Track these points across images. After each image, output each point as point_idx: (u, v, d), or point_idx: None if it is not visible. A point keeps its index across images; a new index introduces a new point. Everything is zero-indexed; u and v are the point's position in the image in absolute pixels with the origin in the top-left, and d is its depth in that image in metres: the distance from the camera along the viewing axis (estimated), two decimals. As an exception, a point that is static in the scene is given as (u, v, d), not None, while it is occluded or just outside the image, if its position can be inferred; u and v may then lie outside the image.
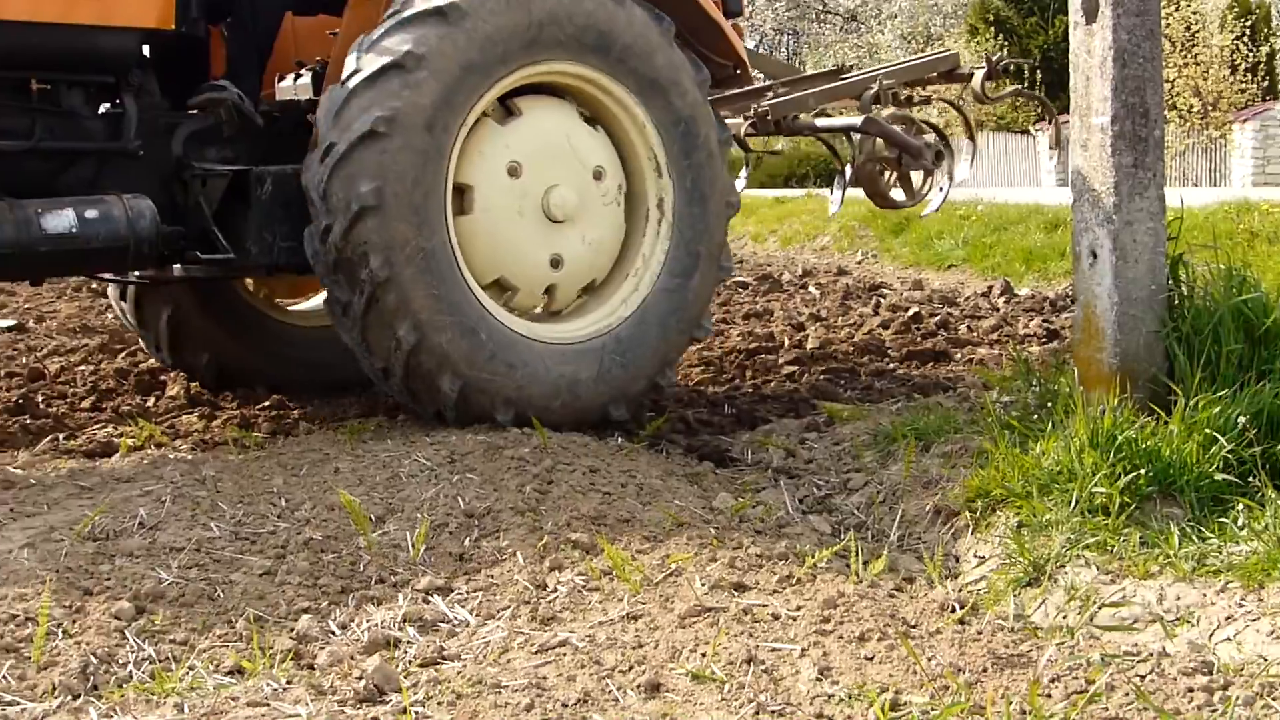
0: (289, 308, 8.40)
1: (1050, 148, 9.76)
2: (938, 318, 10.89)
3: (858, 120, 8.60)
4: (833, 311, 11.71)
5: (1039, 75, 36.32)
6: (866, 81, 8.98)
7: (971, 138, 9.72)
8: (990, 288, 13.03)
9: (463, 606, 4.24)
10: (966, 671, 3.50)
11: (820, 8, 54.30)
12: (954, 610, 4.01)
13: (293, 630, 4.06)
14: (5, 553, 4.67)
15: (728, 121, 8.59)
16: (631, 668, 3.62)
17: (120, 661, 3.80)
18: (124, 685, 3.64)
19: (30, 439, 6.84)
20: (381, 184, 6.08)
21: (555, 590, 4.32)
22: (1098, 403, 5.10)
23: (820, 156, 39.92)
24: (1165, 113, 5.19)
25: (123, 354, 9.16)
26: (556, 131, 6.69)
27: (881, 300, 12.38)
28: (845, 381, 8.42)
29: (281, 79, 7.22)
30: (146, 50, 6.83)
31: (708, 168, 6.98)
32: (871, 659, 3.60)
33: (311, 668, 3.78)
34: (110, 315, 11.56)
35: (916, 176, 8.82)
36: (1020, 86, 11.11)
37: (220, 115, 6.72)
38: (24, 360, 9.06)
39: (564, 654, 3.75)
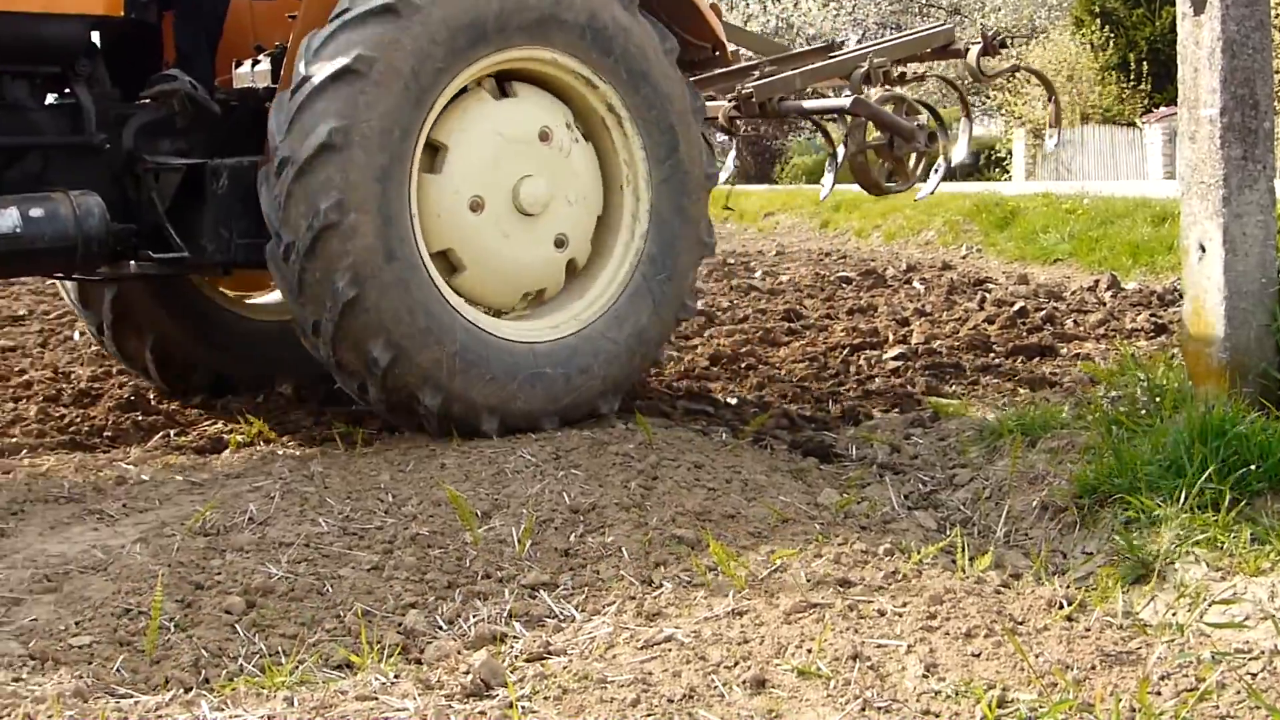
0: (244, 300, 8.16)
1: (1050, 126, 9.35)
2: (1043, 312, 10.79)
3: (846, 102, 8.35)
4: (937, 306, 11.64)
5: (1145, 67, 35.99)
6: (856, 59, 8.66)
7: (967, 116, 9.31)
8: (1096, 282, 12.88)
9: (568, 602, 4.25)
10: (1074, 669, 3.47)
11: (924, 1, 53.99)
12: (1061, 607, 3.97)
13: (400, 625, 4.10)
14: (119, 548, 4.75)
15: (711, 105, 8.41)
16: (737, 663, 3.62)
17: (231, 655, 3.85)
18: (235, 679, 3.69)
19: (142, 435, 6.94)
20: (387, 336, 5.98)
21: (660, 586, 4.33)
22: (1207, 397, 5.05)
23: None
24: (1275, 104, 5.11)
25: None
26: (485, 136, 6.44)
27: (986, 295, 12.29)
28: (950, 377, 8.37)
29: (239, 64, 7.03)
30: (96, 38, 6.57)
31: (631, 46, 6.64)
32: (978, 656, 3.58)
33: (419, 662, 3.81)
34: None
35: (912, 158, 8.57)
36: (1018, 63, 10.72)
37: (173, 106, 6.46)
38: (135, 358, 9.17)
39: (669, 650, 3.75)
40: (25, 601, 4.27)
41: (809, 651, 3.63)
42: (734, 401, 7.69)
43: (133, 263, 6.62)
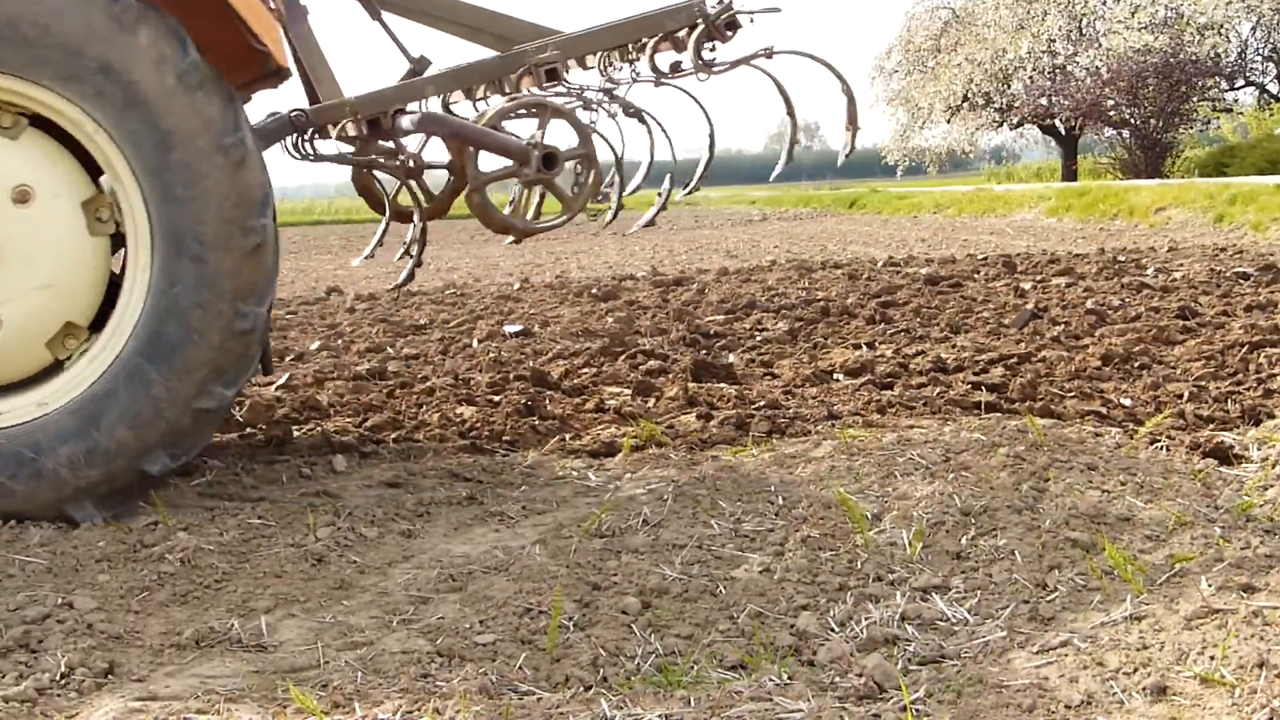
0: None
1: (846, 128, 7.01)
2: None
3: (413, 120, 6.44)
4: (1343, 301, 11.17)
5: None
6: (514, 59, 6.60)
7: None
8: None
9: (960, 605, 4.23)
10: None
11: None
12: None
13: (792, 627, 4.12)
14: (519, 549, 4.91)
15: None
16: (1136, 669, 3.55)
17: (628, 654, 3.94)
18: (632, 678, 3.77)
19: (539, 439, 7.14)
20: None
21: (1055, 590, 4.27)
22: None
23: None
24: None
25: (622, 357, 9.46)
26: None
27: (1398, 287, 11.75)
28: (1360, 374, 8.02)
29: None
30: None
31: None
32: (1396, 665, 3.44)
33: (812, 664, 3.84)
34: (611, 319, 11.96)
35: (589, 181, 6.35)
36: (766, 50, 7.07)
37: None
38: (530, 363, 9.45)
39: (1065, 654, 3.70)
40: (432, 600, 4.45)
41: (1212, 658, 3.54)
42: (1128, 402, 7.52)
43: None
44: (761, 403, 7.69)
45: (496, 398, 8.21)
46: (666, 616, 4.22)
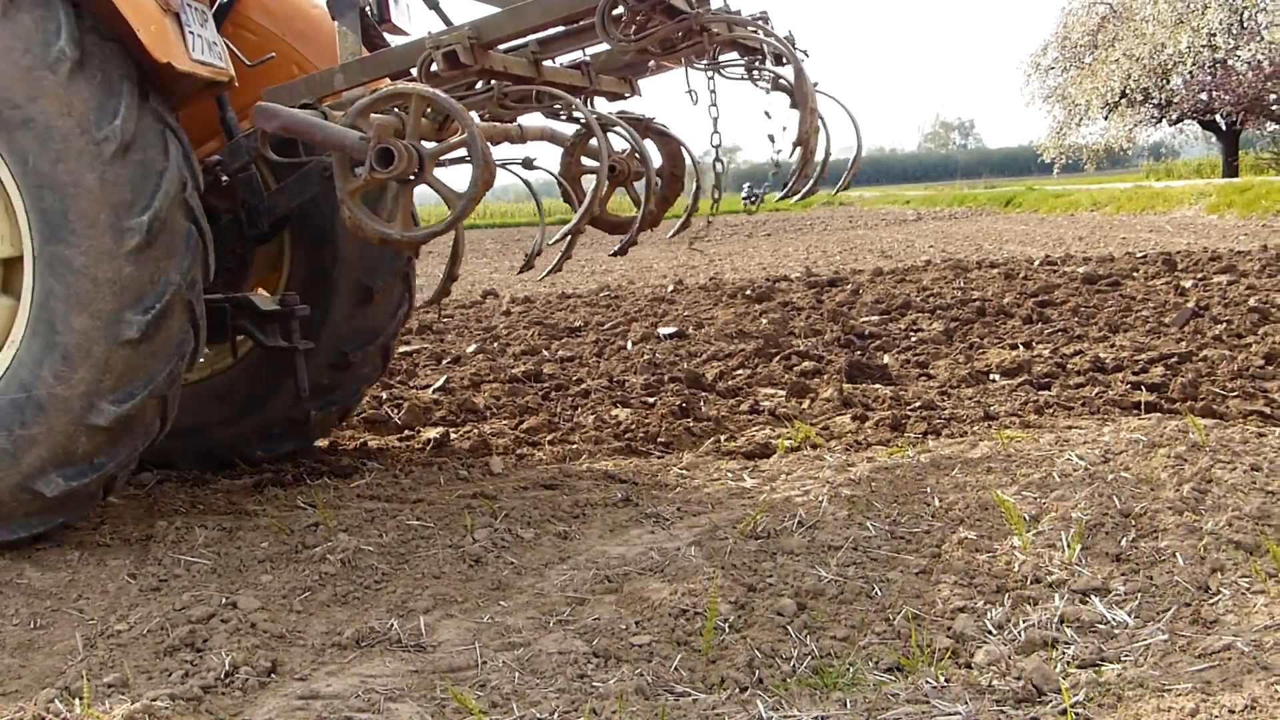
0: None
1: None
2: None
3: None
4: None
5: None
6: (421, 43, 5.52)
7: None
8: None
9: (1121, 608, 4.18)
10: None
11: None
12: None
13: (949, 629, 4.10)
14: (675, 550, 4.92)
15: None
16: (1302, 674, 3.49)
17: (784, 656, 3.93)
18: (788, 680, 3.77)
19: (694, 440, 7.16)
20: None
21: (1217, 593, 4.20)
22: None
23: None
24: None
25: (777, 358, 9.46)
26: None
27: None
28: None
29: None
30: None
31: None
32: None
33: (969, 666, 3.81)
34: (765, 320, 11.95)
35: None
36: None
37: None
38: (685, 365, 9.48)
39: (1228, 658, 3.64)
40: (588, 601, 4.47)
41: (1382, 663, 3.47)
42: (1292, 401, 7.39)
43: None
44: (917, 404, 7.66)
45: (651, 400, 8.24)
46: (822, 618, 4.21)
